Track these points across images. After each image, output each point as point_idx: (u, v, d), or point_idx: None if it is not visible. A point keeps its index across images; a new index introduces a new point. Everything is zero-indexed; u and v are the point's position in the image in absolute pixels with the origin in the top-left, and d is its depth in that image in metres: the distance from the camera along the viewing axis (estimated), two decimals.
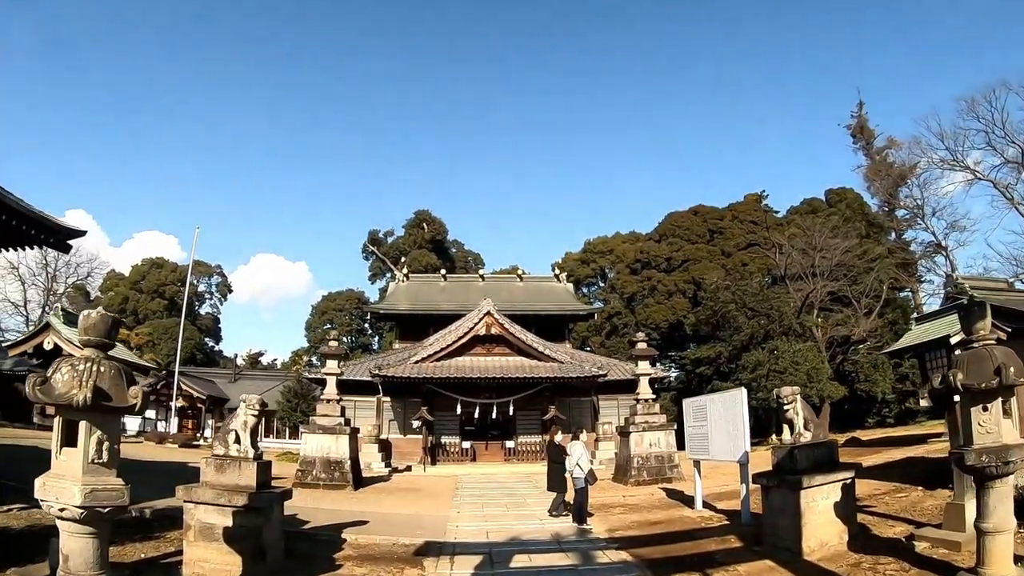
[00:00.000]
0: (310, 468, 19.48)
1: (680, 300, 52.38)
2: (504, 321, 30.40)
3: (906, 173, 49.77)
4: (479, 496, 17.91)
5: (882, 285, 41.17)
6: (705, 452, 13.91)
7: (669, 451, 20.82)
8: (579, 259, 70.76)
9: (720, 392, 13.94)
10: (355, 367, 32.46)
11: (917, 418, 36.73)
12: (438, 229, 74.29)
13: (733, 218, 57.81)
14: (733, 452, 12.72)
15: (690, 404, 14.95)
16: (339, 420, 20.11)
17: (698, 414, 14.31)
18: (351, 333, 73.38)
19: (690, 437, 14.75)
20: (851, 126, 62.19)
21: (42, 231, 14.42)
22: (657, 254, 57.13)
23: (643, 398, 21.64)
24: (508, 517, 13.98)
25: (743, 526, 11.82)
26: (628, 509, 15.18)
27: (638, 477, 19.90)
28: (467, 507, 15.62)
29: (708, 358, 41.42)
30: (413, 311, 40.14)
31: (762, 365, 35.92)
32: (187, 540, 8.35)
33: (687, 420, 14.90)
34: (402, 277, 46.02)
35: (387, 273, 68.51)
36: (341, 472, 19.35)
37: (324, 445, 19.64)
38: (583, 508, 12.34)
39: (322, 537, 10.86)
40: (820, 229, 42.09)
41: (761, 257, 50.41)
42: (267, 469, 8.75)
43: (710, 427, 13.60)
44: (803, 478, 9.39)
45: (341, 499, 16.99)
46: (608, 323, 59.82)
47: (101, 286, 74.84)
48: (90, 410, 5.28)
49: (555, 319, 40.09)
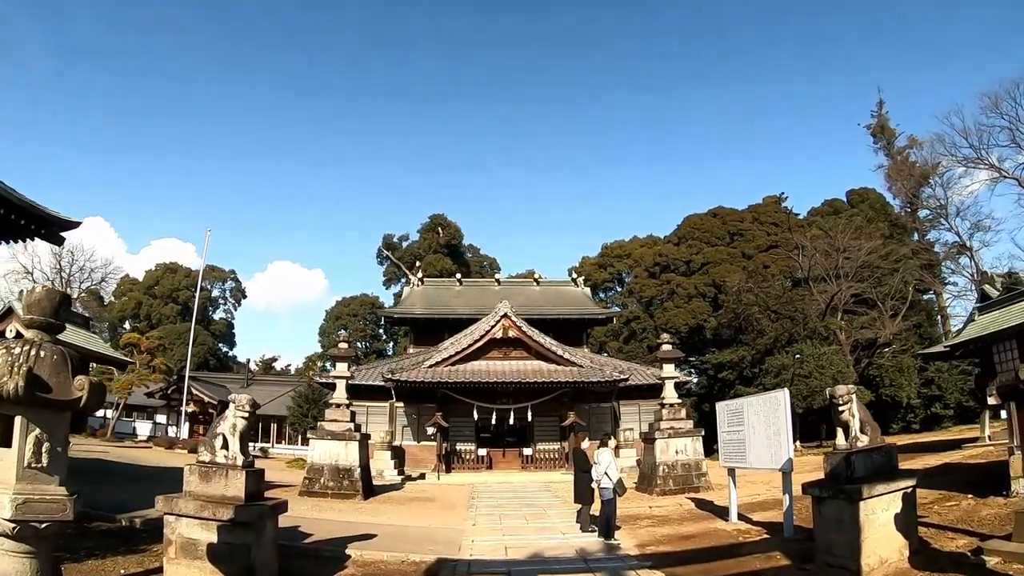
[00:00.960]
0: (318, 476, 18.53)
1: (700, 303, 51.05)
2: (522, 324, 29.33)
3: (928, 172, 48.67)
4: (496, 507, 16.83)
5: (907, 287, 39.93)
6: (742, 460, 12.75)
7: (696, 459, 19.68)
8: (596, 263, 69.62)
9: (759, 394, 12.76)
10: (368, 372, 31.54)
11: (943, 423, 35.51)
12: (453, 233, 73.40)
13: (753, 220, 56.46)
14: (774, 459, 11.58)
15: (724, 408, 13.81)
16: (348, 425, 19.15)
17: (733, 419, 13.18)
18: (365, 338, 72.61)
19: (724, 444, 13.63)
20: (871, 126, 61.00)
21: (33, 221, 13.61)
22: (676, 257, 55.89)
23: (668, 402, 20.52)
24: (528, 531, 12.88)
25: (787, 541, 10.70)
26: (656, 521, 14.07)
27: (664, 486, 18.76)
28: (483, 519, 14.56)
29: (731, 362, 40.11)
30: (428, 315, 39.22)
31: (787, 369, 34.85)
32: (167, 557, 7.39)
33: (721, 425, 13.79)
34: (417, 281, 45.19)
35: (402, 278, 67.78)
36: (350, 480, 18.37)
37: (333, 452, 18.69)
38: (611, 521, 11.23)
39: (324, 553, 9.85)
40: (843, 230, 40.87)
41: (783, 259, 49.16)
42: (258, 478, 7.75)
43: (747, 432, 12.46)
44: (863, 487, 8.30)
45: (349, 509, 16.02)
46: (626, 328, 58.57)
47: (115, 291, 74.89)
48: (24, 403, 4.31)
49: (573, 323, 39.03)
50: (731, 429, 13.27)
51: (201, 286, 77.17)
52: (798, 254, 43.18)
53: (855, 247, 39.45)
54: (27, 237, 13.74)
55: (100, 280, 71.84)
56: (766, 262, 50.41)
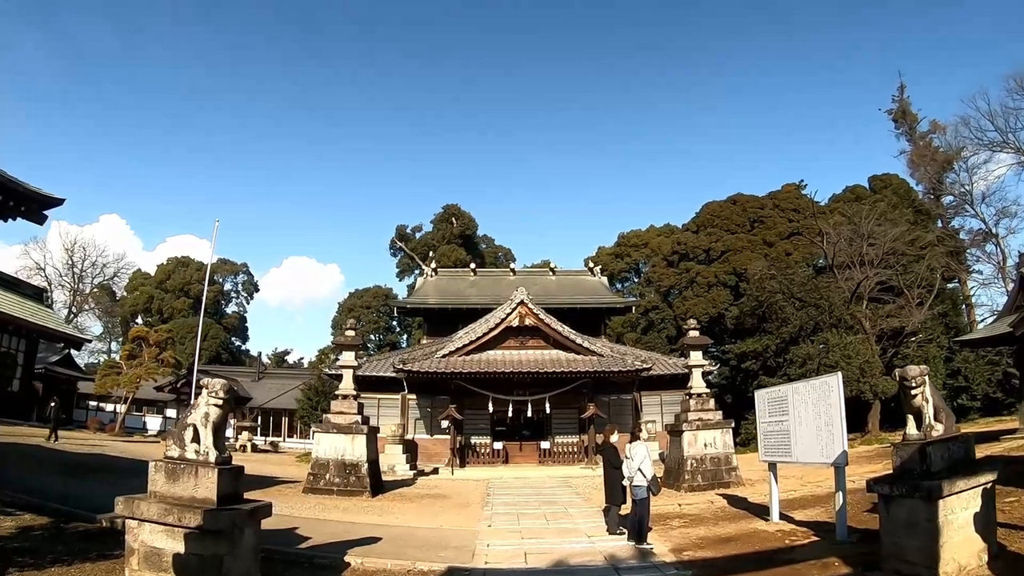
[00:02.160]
0: (323, 472, 17.45)
1: (721, 292, 49.57)
2: (539, 311, 28.05)
3: (952, 157, 47.10)
4: (513, 505, 15.62)
5: (934, 274, 38.41)
6: (786, 453, 11.46)
7: (726, 452, 18.43)
8: (612, 253, 68.12)
9: (807, 379, 11.40)
10: (379, 363, 30.49)
11: (969, 415, 34.03)
12: (467, 224, 72.06)
13: (774, 206, 54.79)
14: (826, 452, 10.29)
15: (764, 396, 12.51)
16: (355, 418, 18.01)
17: (775, 407, 11.90)
18: (379, 331, 71.71)
19: (764, 436, 12.35)
20: (892, 111, 59.27)
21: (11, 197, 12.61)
22: (695, 245, 54.39)
23: (696, 392, 19.27)
24: (549, 533, 11.66)
25: (840, 544, 9.46)
26: (689, 521, 12.86)
27: (692, 482, 17.53)
28: (500, 519, 13.38)
29: (754, 352, 38.68)
30: (441, 305, 38.05)
31: (812, 359, 33.43)
32: (129, 568, 6.30)
33: (760, 415, 12.52)
34: (430, 272, 44.06)
35: (415, 270, 66.75)
36: (357, 476, 17.26)
37: (338, 446, 17.58)
38: (643, 524, 10.01)
39: (321, 560, 8.69)
40: (867, 216, 39.24)
41: (804, 246, 47.71)
42: (234, 477, 6.58)
43: (793, 423, 11.18)
44: (943, 484, 7.10)
45: (355, 508, 14.91)
46: (644, 318, 57.22)
47: (127, 285, 74.78)
48: None
49: (590, 313, 37.75)
50: (773, 419, 12.00)
51: (213, 280, 77.10)
52: (821, 241, 41.65)
53: (879, 233, 37.84)
54: (5, 216, 12.73)
55: (112, 275, 71.86)
56: (788, 249, 48.96)
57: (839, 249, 39.59)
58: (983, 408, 33.46)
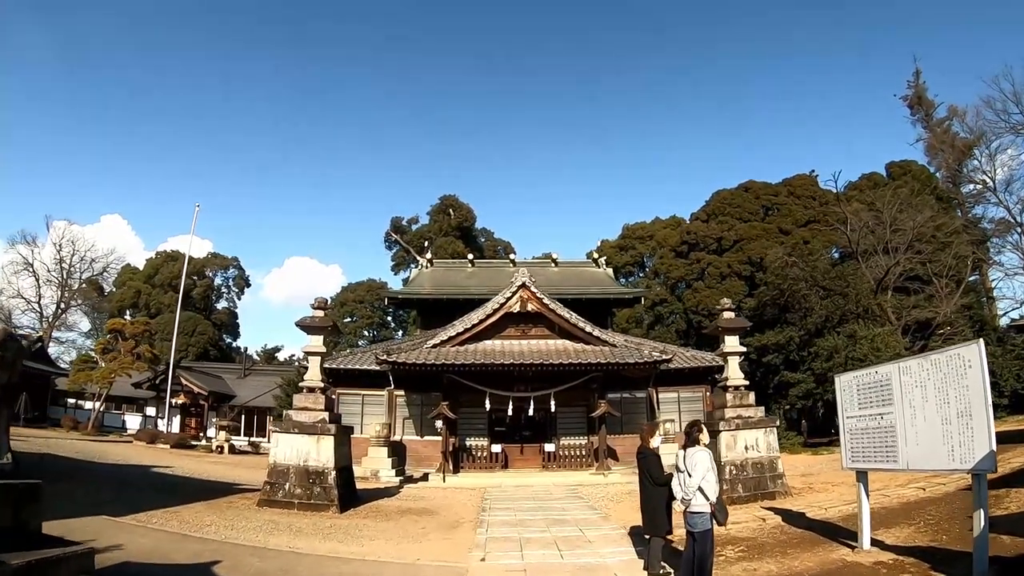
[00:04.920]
0: (281, 480, 14.21)
1: (735, 282, 46.29)
2: (543, 296, 24.79)
3: (972, 143, 43.92)
4: (514, 525, 12.35)
5: (962, 264, 35.73)
6: (888, 457, 8.26)
7: (770, 456, 15.27)
8: (617, 246, 64.96)
9: (926, 354, 8.10)
10: (365, 356, 27.29)
11: (997, 413, 30.66)
12: (465, 215, 68.86)
13: (788, 194, 51.55)
14: (959, 455, 7.04)
15: (852, 382, 9.30)
16: (322, 415, 14.72)
17: (870, 396, 8.72)
18: (372, 326, 68.56)
19: (852, 435, 9.16)
20: (907, 97, 56.52)
21: None
22: (706, 234, 51.06)
23: (733, 385, 16.07)
24: (564, 573, 8.53)
25: None
26: (748, 549, 9.73)
27: (731, 492, 14.32)
28: (497, 546, 10.17)
29: (776, 344, 35.48)
30: (436, 296, 34.93)
31: (839, 352, 30.38)
32: None
33: (846, 408, 9.35)
34: (426, 263, 40.99)
35: (411, 264, 63.56)
36: (322, 487, 14.01)
37: (301, 449, 14.34)
38: (706, 567, 6.79)
39: None
40: (890, 201, 36.36)
41: (824, 233, 44.51)
42: (25, 497, 3.41)
43: (900, 415, 8.01)
44: None
45: (312, 529, 11.65)
46: (651, 312, 54.13)
47: (115, 280, 72.13)
48: None
49: (596, 304, 34.59)
50: (866, 413, 8.83)
51: (203, 274, 74.18)
52: (844, 227, 38.66)
53: (902, 220, 35.05)
54: None
55: (102, 271, 69.05)
56: (806, 237, 45.75)
57: (862, 236, 36.89)
58: (1011, 405, 30.32)
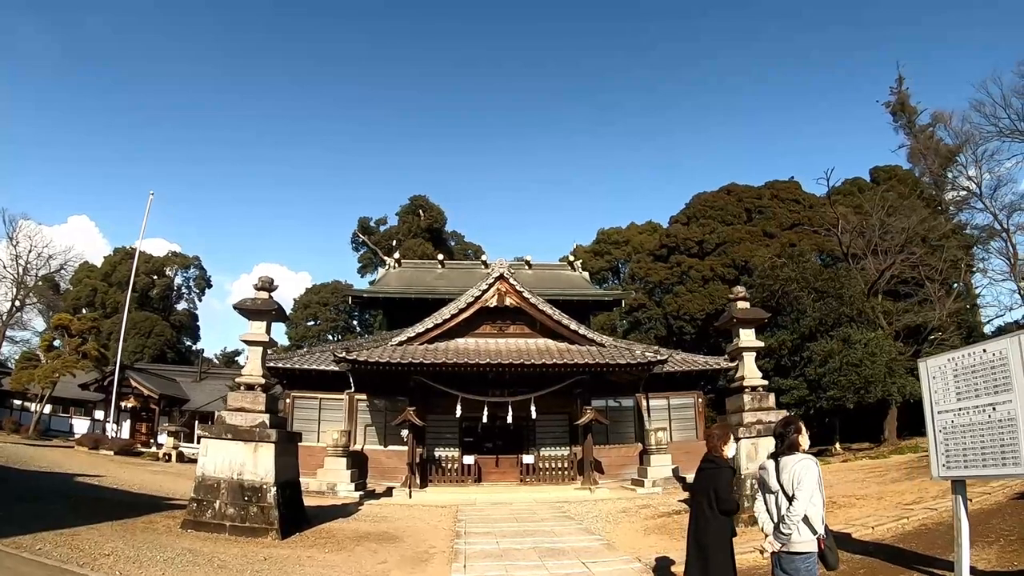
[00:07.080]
0: (211, 497, 11.46)
1: (718, 286, 44.44)
2: (523, 289, 22.32)
3: (957, 149, 43.24)
4: (499, 555, 9.79)
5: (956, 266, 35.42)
6: (1001, 460, 5.90)
7: None
8: (592, 251, 63.00)
9: None
10: (321, 355, 24.53)
11: None
12: (436, 217, 66.29)
13: (772, 196, 50.18)
14: None
15: (947, 367, 6.82)
16: (261, 418, 11.97)
17: (974, 383, 6.36)
18: (337, 330, 65.47)
19: (947, 433, 6.69)
20: (890, 103, 56.03)
21: None
22: (686, 237, 49.26)
23: (751, 385, 13.90)
24: None
25: None
26: None
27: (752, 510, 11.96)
28: None
29: (768, 349, 33.47)
30: (404, 294, 32.24)
31: (833, 356, 28.78)
32: None
33: (939, 400, 6.87)
34: (394, 263, 38.27)
35: (378, 265, 60.87)
36: (260, 507, 11.26)
37: (235, 459, 11.61)
38: None
39: None
40: (879, 203, 35.46)
41: (810, 236, 43.42)
42: None
43: (1021, 405, 5.73)
44: None
45: (239, 566, 8.89)
46: (627, 318, 52.16)
47: (72, 278, 68.37)
48: None
49: (574, 306, 31.97)
50: (967, 406, 6.42)
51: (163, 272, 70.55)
52: (833, 230, 37.30)
53: (892, 223, 34.16)
54: None
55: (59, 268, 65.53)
56: (792, 240, 44.26)
57: (852, 239, 35.54)
58: None
